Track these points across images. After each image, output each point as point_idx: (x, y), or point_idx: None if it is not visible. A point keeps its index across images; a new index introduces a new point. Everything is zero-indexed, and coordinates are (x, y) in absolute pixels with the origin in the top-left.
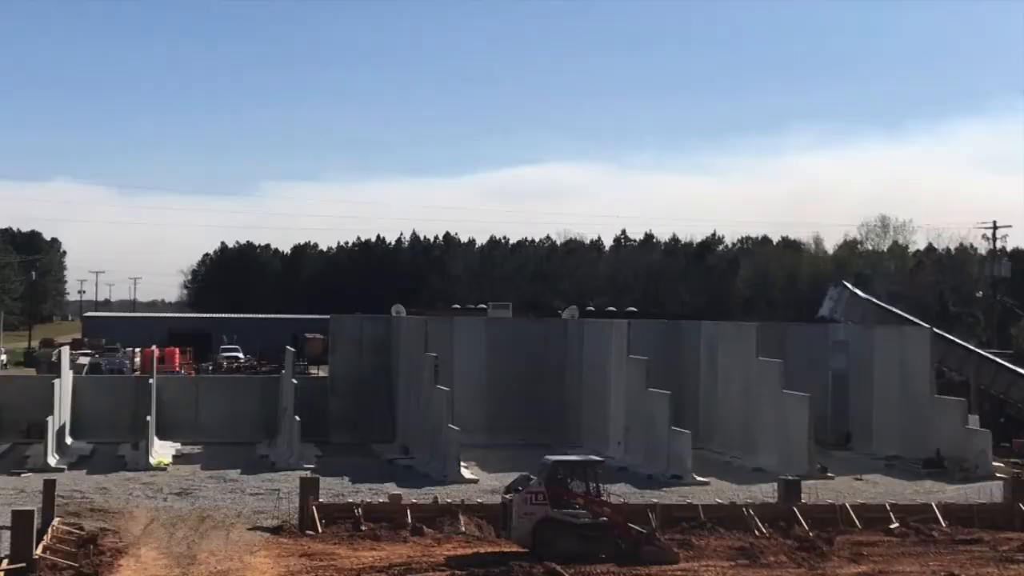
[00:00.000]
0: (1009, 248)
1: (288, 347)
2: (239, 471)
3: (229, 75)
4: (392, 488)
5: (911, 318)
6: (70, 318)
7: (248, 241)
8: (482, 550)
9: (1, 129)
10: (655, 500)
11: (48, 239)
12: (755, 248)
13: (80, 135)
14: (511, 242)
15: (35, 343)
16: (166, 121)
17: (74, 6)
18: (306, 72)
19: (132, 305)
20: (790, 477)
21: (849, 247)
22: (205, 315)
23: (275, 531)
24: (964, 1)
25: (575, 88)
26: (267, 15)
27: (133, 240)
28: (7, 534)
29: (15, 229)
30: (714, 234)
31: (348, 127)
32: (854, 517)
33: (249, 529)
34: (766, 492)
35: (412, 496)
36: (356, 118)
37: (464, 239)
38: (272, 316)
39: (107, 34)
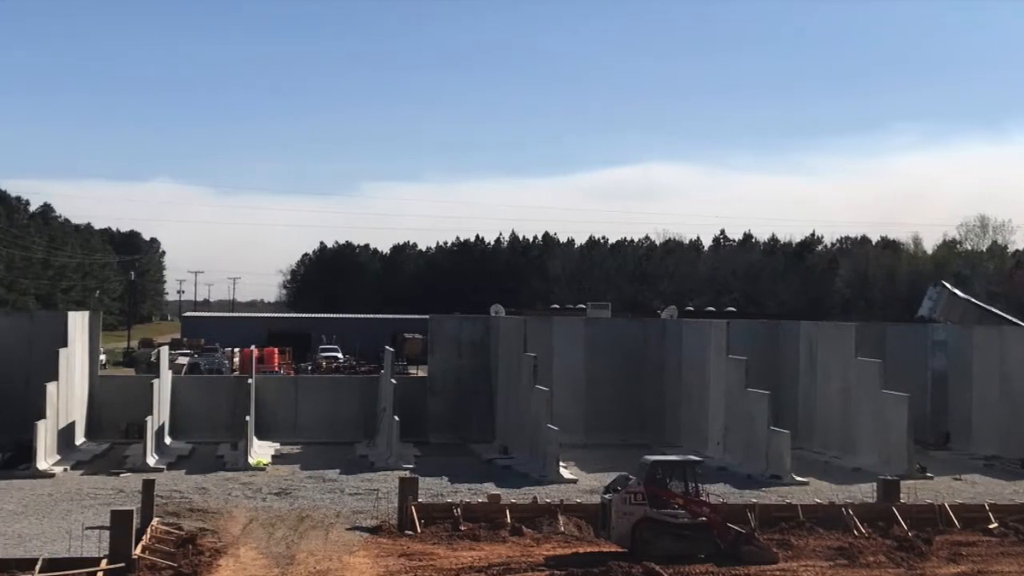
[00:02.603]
0: None
1: (387, 347)
2: (338, 471)
3: (328, 76)
4: (491, 488)
5: (1010, 318)
6: (169, 318)
7: (347, 241)
8: (581, 550)
9: (100, 130)
10: (754, 500)
11: (147, 239)
12: (854, 248)
13: (179, 135)
14: (610, 242)
15: (134, 343)
16: (265, 121)
17: (175, 7)
18: (405, 73)
19: (231, 305)
20: (889, 477)
21: (948, 247)
22: (304, 315)
23: (374, 531)
24: None
25: (674, 89)
26: (367, 16)
27: (232, 240)
28: (106, 534)
29: (114, 229)
30: (813, 234)
31: (447, 127)
32: (953, 517)
33: (348, 529)
34: (865, 492)
35: (511, 496)
36: (455, 118)
37: (563, 239)
38: (371, 316)
39: (207, 34)
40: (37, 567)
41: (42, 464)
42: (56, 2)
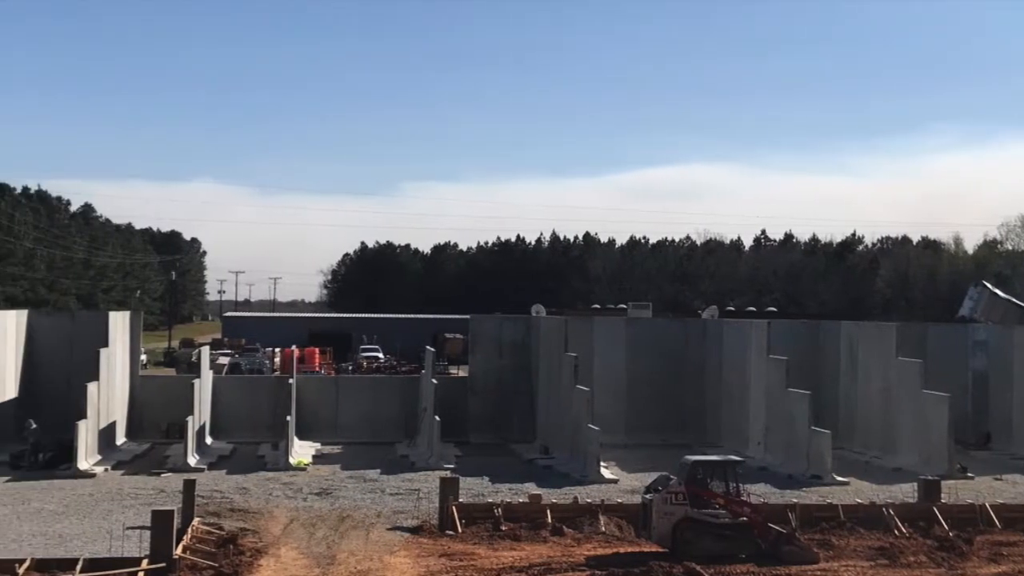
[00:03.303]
0: None
1: (428, 347)
2: (379, 471)
3: (369, 76)
4: (532, 488)
5: None
6: (210, 318)
7: (388, 241)
8: (622, 550)
9: (141, 130)
10: (795, 500)
11: (188, 239)
12: (895, 248)
13: (220, 135)
14: (651, 242)
15: (175, 343)
16: (306, 121)
17: (216, 6)
18: (446, 73)
19: (272, 305)
20: (930, 477)
21: (989, 247)
22: (345, 315)
23: (415, 531)
24: None
25: (714, 88)
26: (407, 16)
27: (273, 240)
28: (147, 534)
29: (155, 229)
30: (854, 234)
31: (487, 127)
32: (994, 517)
33: (389, 529)
34: (906, 492)
35: (552, 496)
36: (495, 118)
37: (604, 239)
38: (412, 316)
39: (247, 35)
40: (78, 567)
41: (83, 464)
42: (98, 2)
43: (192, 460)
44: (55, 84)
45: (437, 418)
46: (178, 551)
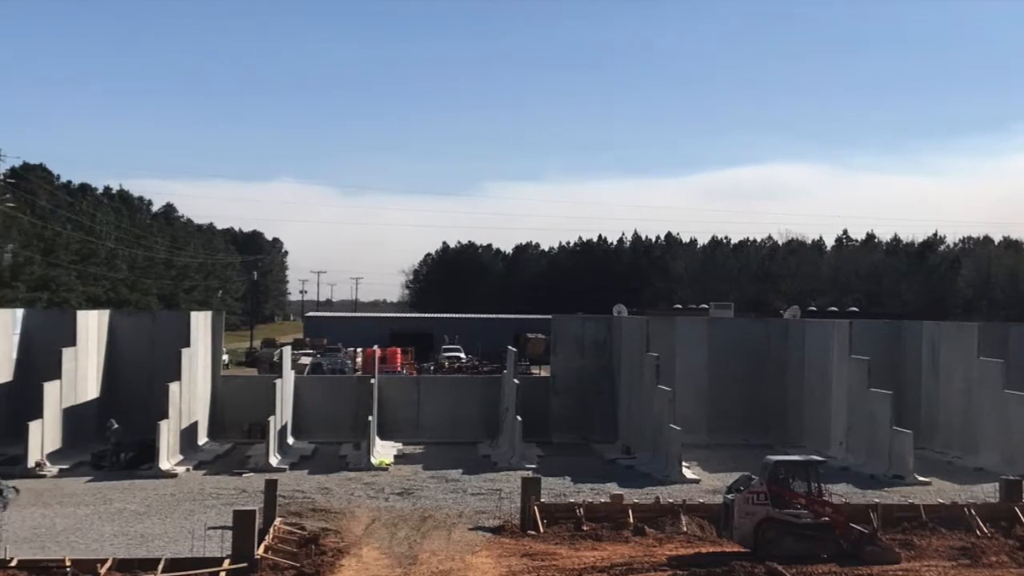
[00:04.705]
0: None
1: (510, 347)
2: (461, 471)
3: (451, 77)
4: (614, 488)
5: None
6: (292, 318)
7: (470, 241)
8: (704, 550)
9: (224, 130)
10: (876, 500)
11: (270, 239)
12: (977, 248)
13: (302, 136)
14: (733, 242)
15: (256, 343)
16: (387, 121)
17: (296, 8)
18: (527, 72)
19: (354, 305)
20: (1012, 477)
21: None
22: (427, 315)
23: (496, 531)
24: None
25: (797, 88)
26: (489, 16)
27: (355, 240)
28: (229, 534)
29: (237, 229)
30: (935, 234)
31: (569, 127)
32: None
33: (471, 529)
34: (988, 492)
35: (634, 496)
36: (577, 118)
37: (686, 239)
38: (493, 316)
39: (329, 35)
40: (160, 567)
41: (165, 464)
42: (181, 3)
43: (274, 460)
44: (137, 85)
45: (519, 418)
46: (260, 551)
